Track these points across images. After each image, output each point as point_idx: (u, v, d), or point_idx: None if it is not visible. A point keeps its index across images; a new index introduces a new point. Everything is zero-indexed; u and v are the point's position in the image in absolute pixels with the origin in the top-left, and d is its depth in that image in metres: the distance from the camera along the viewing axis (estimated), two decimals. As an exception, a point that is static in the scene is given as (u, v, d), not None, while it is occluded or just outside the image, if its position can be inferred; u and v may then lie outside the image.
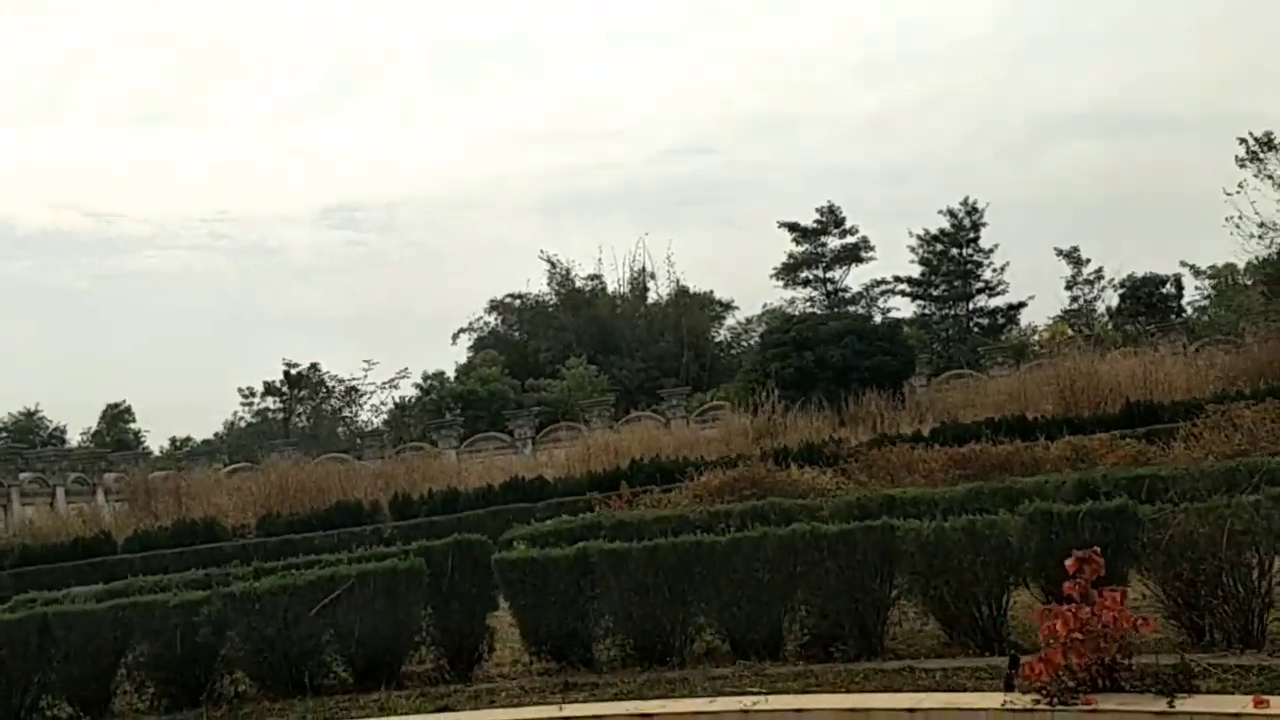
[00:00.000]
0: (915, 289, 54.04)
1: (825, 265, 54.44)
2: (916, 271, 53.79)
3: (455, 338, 60.62)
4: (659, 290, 62.17)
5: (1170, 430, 14.86)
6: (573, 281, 61.40)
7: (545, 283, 60.85)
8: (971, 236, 52.68)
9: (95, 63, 75.09)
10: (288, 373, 63.76)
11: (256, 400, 63.57)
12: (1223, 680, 6.69)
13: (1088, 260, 52.68)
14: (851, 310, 47.16)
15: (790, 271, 55.01)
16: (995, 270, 52.39)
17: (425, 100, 79.86)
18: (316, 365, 58.73)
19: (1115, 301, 49.35)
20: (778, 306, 56.91)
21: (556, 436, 42.14)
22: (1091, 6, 73.02)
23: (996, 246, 52.13)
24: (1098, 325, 48.59)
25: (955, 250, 53.21)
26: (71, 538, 22.26)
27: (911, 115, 72.80)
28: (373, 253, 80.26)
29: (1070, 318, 52.43)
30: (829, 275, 54.62)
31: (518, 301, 61.08)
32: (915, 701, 6.56)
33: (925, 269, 53.69)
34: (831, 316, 39.07)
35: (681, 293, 60.60)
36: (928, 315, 53.34)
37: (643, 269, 62.57)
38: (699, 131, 79.75)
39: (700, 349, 58.38)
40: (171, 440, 62.83)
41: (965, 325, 52.89)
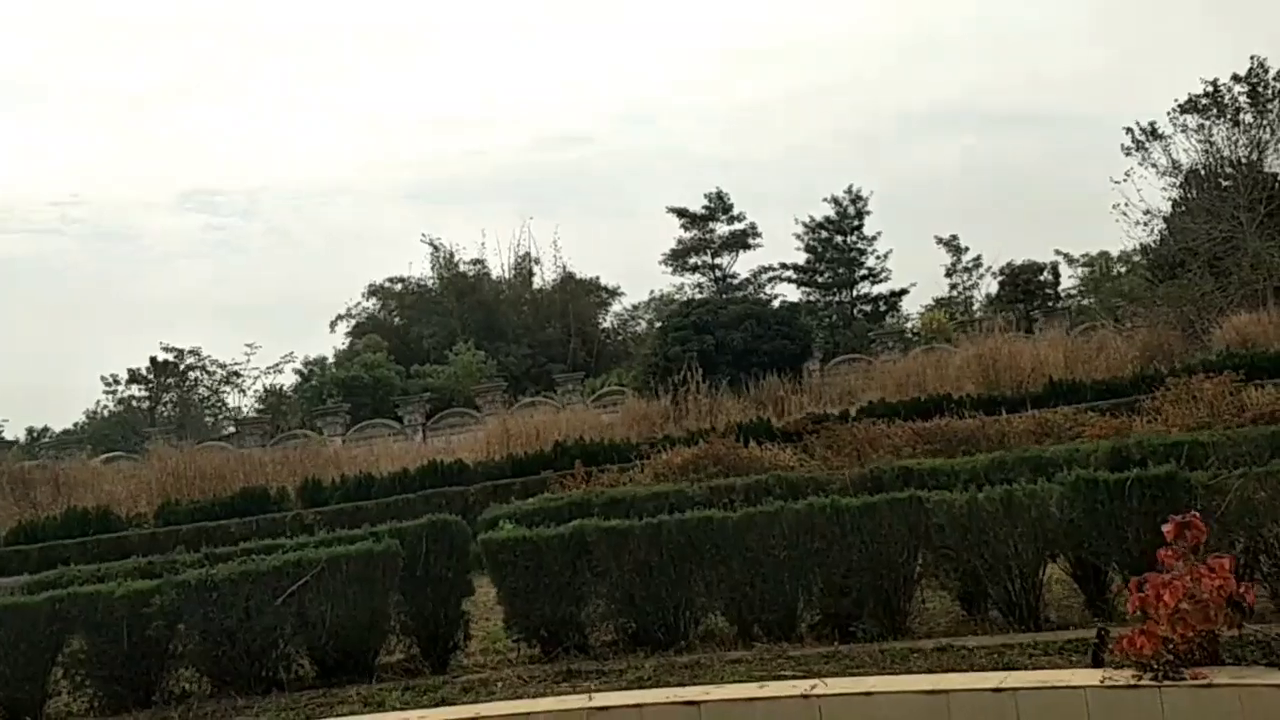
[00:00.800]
0: (801, 275, 54.67)
1: (714, 251, 54.59)
2: (802, 259, 54.49)
3: (334, 324, 58.67)
4: (544, 276, 61.49)
5: (1130, 404, 15.08)
6: (456, 266, 60.16)
7: (428, 267, 59.51)
8: (855, 224, 53.57)
9: None
10: (154, 360, 60.88)
11: (121, 388, 60.45)
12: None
13: (966, 248, 54.30)
14: (740, 296, 47.24)
15: (679, 258, 55.00)
16: (879, 258, 53.44)
17: (297, 86, 77.17)
18: (197, 350, 55.92)
19: (994, 288, 50.81)
20: (667, 293, 56.90)
21: (449, 423, 41.16)
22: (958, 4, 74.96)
23: (879, 234, 53.17)
24: (977, 311, 50.07)
25: (840, 238, 54.01)
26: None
27: (784, 108, 73.87)
28: (234, 238, 77.33)
29: (944, 305, 53.95)
30: (717, 261, 54.83)
31: (398, 286, 59.50)
32: (999, 680, 6.23)
33: (811, 256, 54.37)
34: (730, 301, 39.06)
35: (568, 279, 60.03)
36: (813, 301, 54.00)
37: (527, 254, 61.75)
38: (575, 121, 79.32)
39: (587, 335, 57.94)
40: (28, 430, 59.36)
41: (849, 311, 53.74)
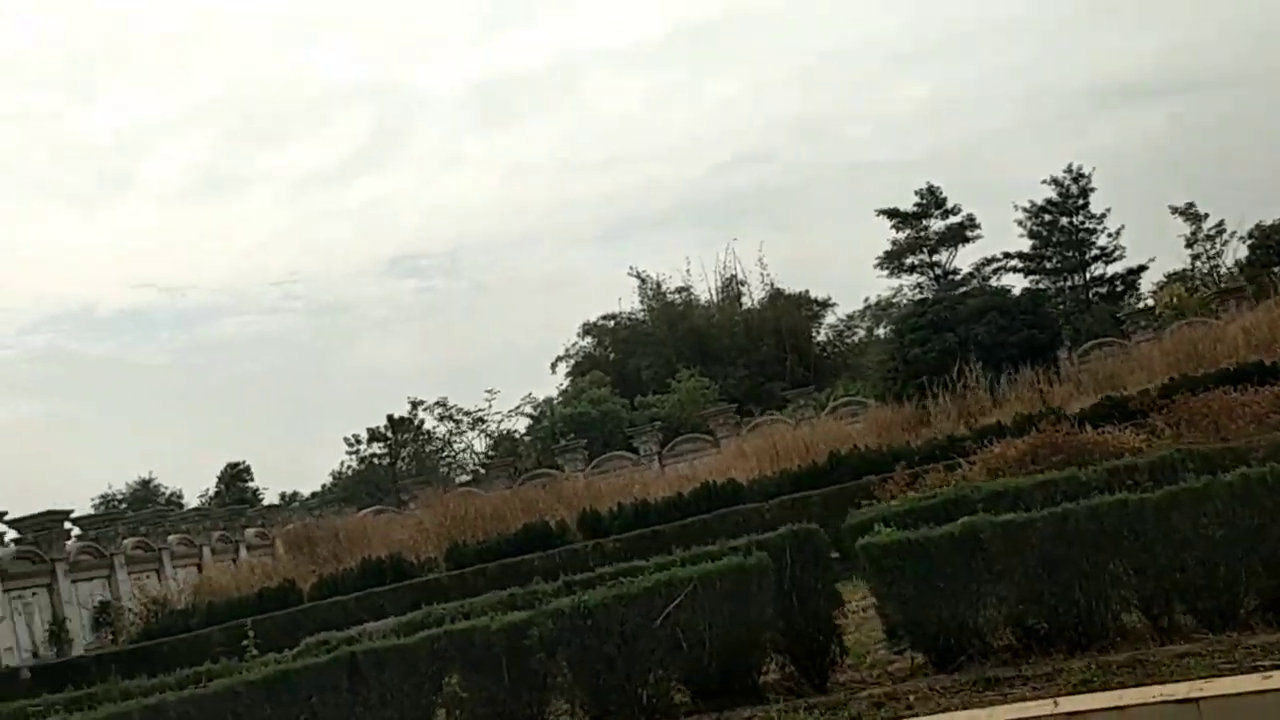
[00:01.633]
0: (1028, 263, 52.28)
1: (930, 249, 52.84)
2: (1027, 245, 52.10)
3: (554, 365, 59.95)
4: (752, 296, 61.09)
5: None
6: (664, 296, 60.48)
7: (637, 300, 60.09)
8: (1080, 204, 50.84)
9: (147, 141, 75.88)
10: (390, 417, 63.57)
11: (363, 447, 63.39)
12: None
13: (1205, 215, 50.56)
14: (979, 288, 45.34)
15: (894, 259, 53.49)
16: (1110, 235, 50.50)
17: (466, 140, 79.78)
18: (443, 400, 57.93)
19: (1243, 253, 47.12)
20: (885, 297, 55.48)
21: (683, 449, 41.06)
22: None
23: (1109, 211, 50.23)
24: (1224, 279, 46.45)
25: (1065, 219, 51.39)
26: (255, 589, 21.47)
27: (964, 98, 71.24)
28: (440, 298, 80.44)
29: (1180, 278, 50.26)
30: (935, 259, 53.05)
31: (611, 323, 60.27)
32: None
33: (1036, 242, 51.94)
34: (969, 294, 37.40)
35: (776, 295, 59.42)
36: (1043, 289, 51.44)
37: (732, 276, 61.55)
38: (749, 141, 78.64)
39: (802, 350, 57.10)
40: (280, 495, 62.77)
41: (1084, 295, 50.94)
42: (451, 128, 79.53)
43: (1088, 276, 50.94)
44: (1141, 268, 50.56)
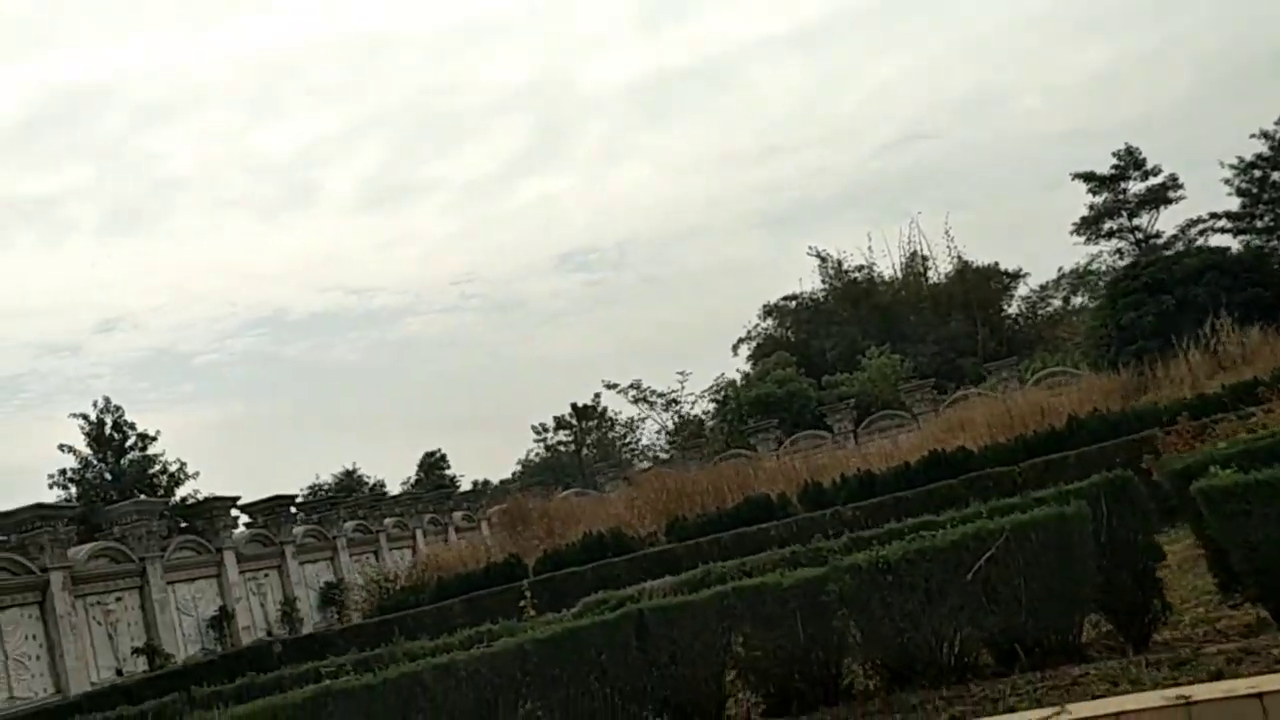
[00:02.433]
0: (1237, 223, 48.75)
1: (1130, 212, 49.96)
2: (1235, 204, 48.60)
3: (735, 348, 59.56)
4: (938, 270, 59.25)
5: None
6: (845, 275, 59.25)
7: (817, 280, 59.06)
8: (1294, 156, 47.03)
9: (326, 153, 79.05)
10: (575, 406, 64.46)
11: (550, 435, 64.52)
12: None
13: None
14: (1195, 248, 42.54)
15: (1091, 225, 50.73)
16: (1329, 187, 46.54)
17: (630, 136, 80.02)
18: (637, 382, 58.29)
19: None
20: (1081, 265, 52.84)
21: (879, 425, 40.09)
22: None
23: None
24: None
25: (1277, 174, 47.68)
26: (481, 565, 21.81)
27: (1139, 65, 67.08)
28: (609, 291, 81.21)
29: None
30: (1135, 223, 50.13)
31: (792, 303, 59.43)
32: None
33: (1245, 200, 48.38)
34: (1184, 254, 35.11)
35: (964, 269, 57.47)
36: (1258, 249, 47.94)
37: (915, 252, 59.88)
38: (915, 120, 76.26)
39: (993, 323, 55.07)
40: (473, 483, 64.60)
41: (1302, 252, 47.17)
42: (614, 125, 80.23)
43: (1305, 232, 47.08)
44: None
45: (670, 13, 79.05)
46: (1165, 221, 49.73)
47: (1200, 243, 49.30)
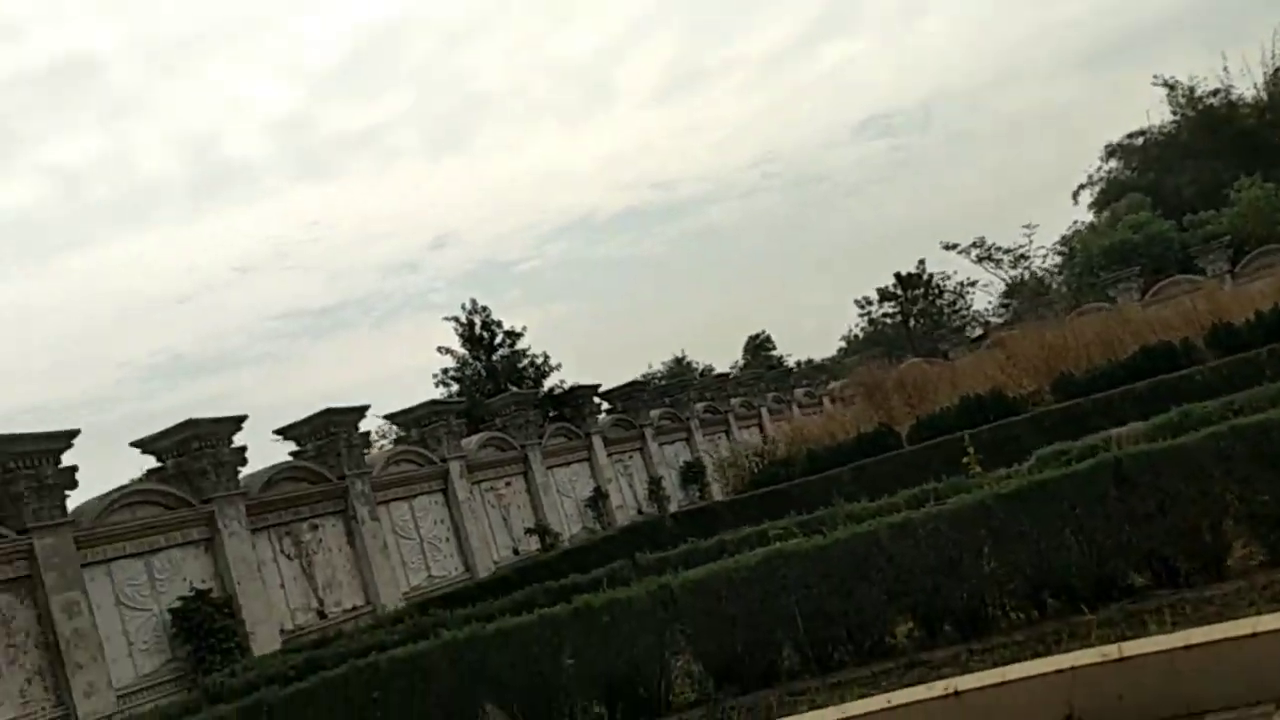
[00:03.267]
0: None
1: None
2: None
3: (1075, 195, 55.28)
4: (1309, 82, 51.88)
5: None
6: (1199, 102, 53.09)
7: (1167, 112, 53.34)
8: None
9: (620, 50, 79.09)
10: (899, 275, 62.42)
11: (873, 308, 63.00)
12: None
13: None
14: None
15: None
16: None
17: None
18: (980, 240, 55.56)
19: None
20: None
21: (1262, 264, 35.82)
22: None
23: None
24: None
25: None
26: (853, 436, 21.35)
27: None
28: (913, 156, 77.27)
29: None
30: None
31: (1139, 140, 54.12)
32: None
33: None
34: None
35: (1341, 77, 50.01)
36: None
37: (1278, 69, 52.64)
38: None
39: (1385, 140, 47.72)
40: (796, 363, 64.51)
41: None
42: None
43: None
44: None
45: None
46: None
47: None
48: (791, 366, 52.04)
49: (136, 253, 64.81)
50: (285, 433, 20.52)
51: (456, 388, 34.84)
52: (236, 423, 18.16)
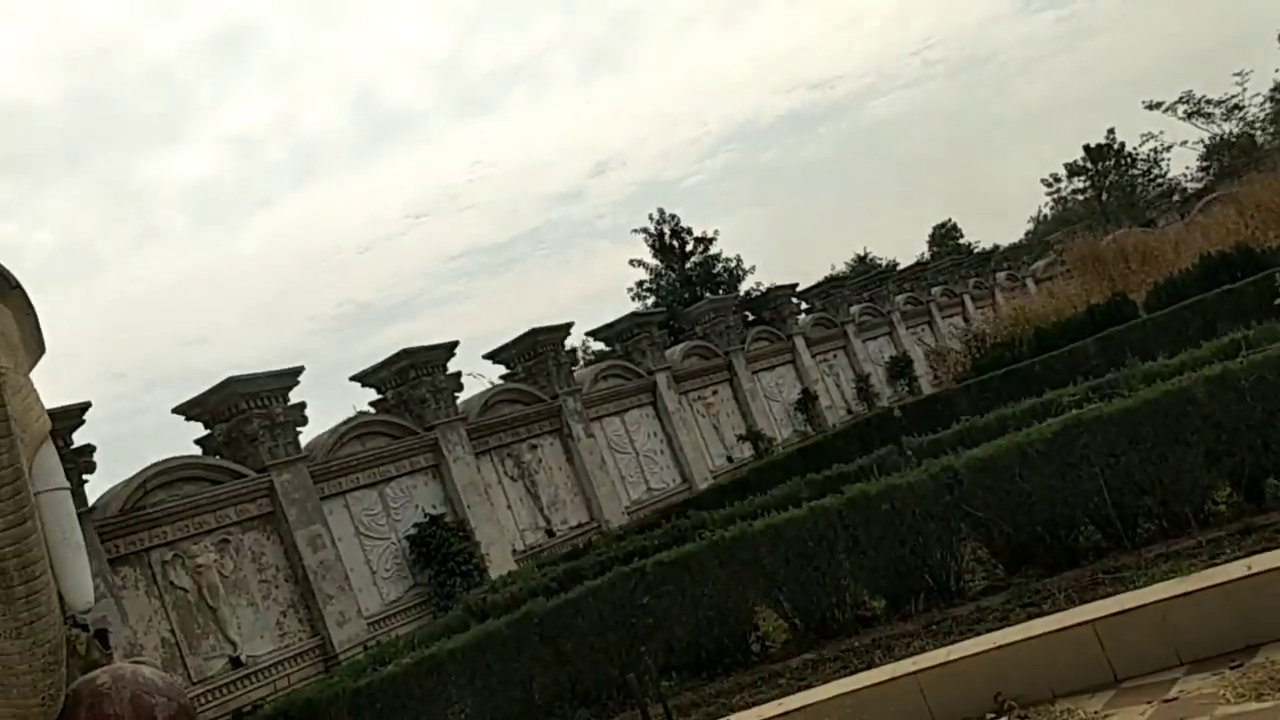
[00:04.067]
0: None
1: None
2: None
3: (1283, 38, 50.09)
4: None
5: None
6: None
7: None
8: None
9: None
10: (1088, 147, 58.65)
11: (1062, 185, 59.54)
12: None
13: None
14: None
15: None
16: None
17: None
18: (1188, 94, 51.09)
19: None
20: None
21: None
22: None
23: None
24: None
25: None
26: (1082, 310, 19.86)
27: None
28: (1082, 23, 71.73)
29: None
30: None
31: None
32: None
33: None
34: None
35: None
36: None
37: None
38: None
39: None
40: (994, 246, 62.01)
41: None
42: None
43: None
44: None
45: None
46: None
47: None
48: (989, 250, 49.74)
49: (314, 209, 67.01)
50: (494, 356, 20.51)
51: (653, 300, 34.35)
52: (449, 349, 18.17)
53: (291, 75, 67.88)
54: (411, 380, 17.75)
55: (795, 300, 27.35)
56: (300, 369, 15.98)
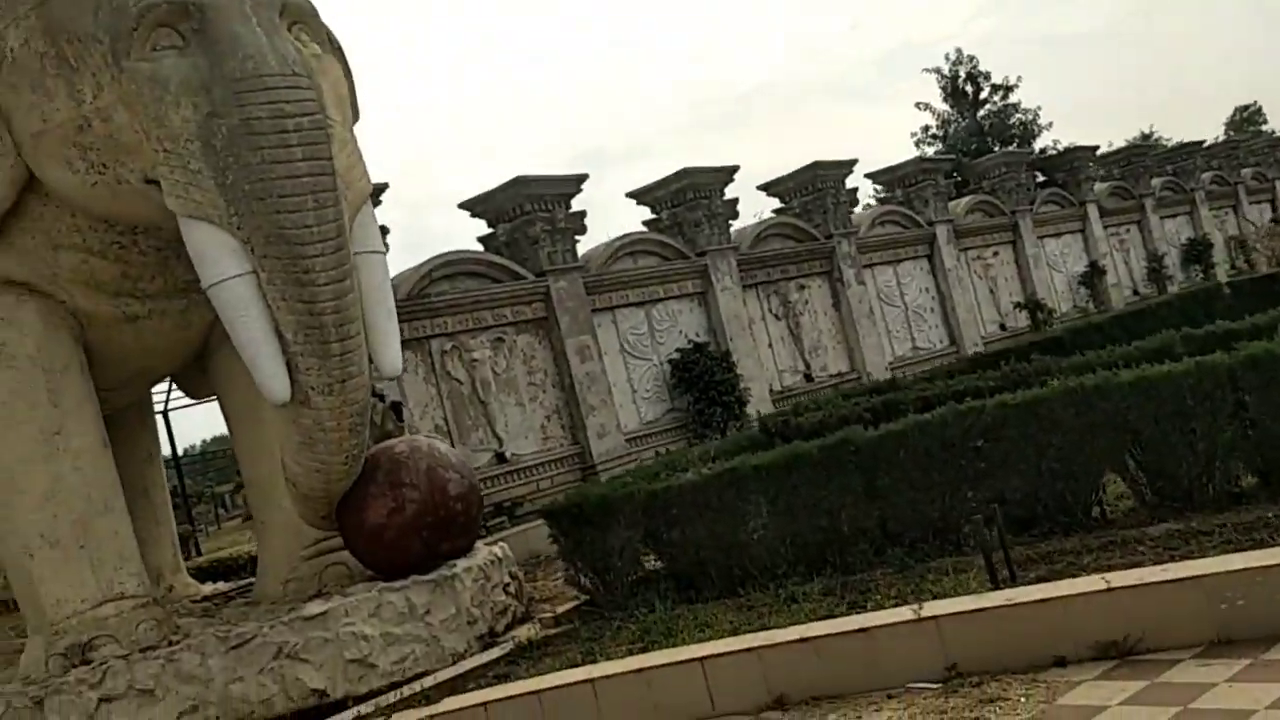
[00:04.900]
0: None
1: None
2: None
3: None
4: None
5: None
6: None
7: None
8: None
9: None
10: None
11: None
12: None
13: None
14: None
15: None
16: None
17: None
18: None
19: None
20: None
21: None
22: None
23: None
24: None
25: None
26: None
27: None
28: None
29: None
30: None
31: None
32: None
33: None
34: None
35: None
36: None
37: None
38: None
39: None
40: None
41: None
42: None
43: None
44: None
45: None
46: None
47: None
48: None
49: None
50: (770, 188, 19.58)
51: (938, 149, 32.04)
52: (729, 173, 17.36)
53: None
54: (689, 202, 17.11)
55: (1093, 165, 24.92)
56: (584, 176, 15.58)
